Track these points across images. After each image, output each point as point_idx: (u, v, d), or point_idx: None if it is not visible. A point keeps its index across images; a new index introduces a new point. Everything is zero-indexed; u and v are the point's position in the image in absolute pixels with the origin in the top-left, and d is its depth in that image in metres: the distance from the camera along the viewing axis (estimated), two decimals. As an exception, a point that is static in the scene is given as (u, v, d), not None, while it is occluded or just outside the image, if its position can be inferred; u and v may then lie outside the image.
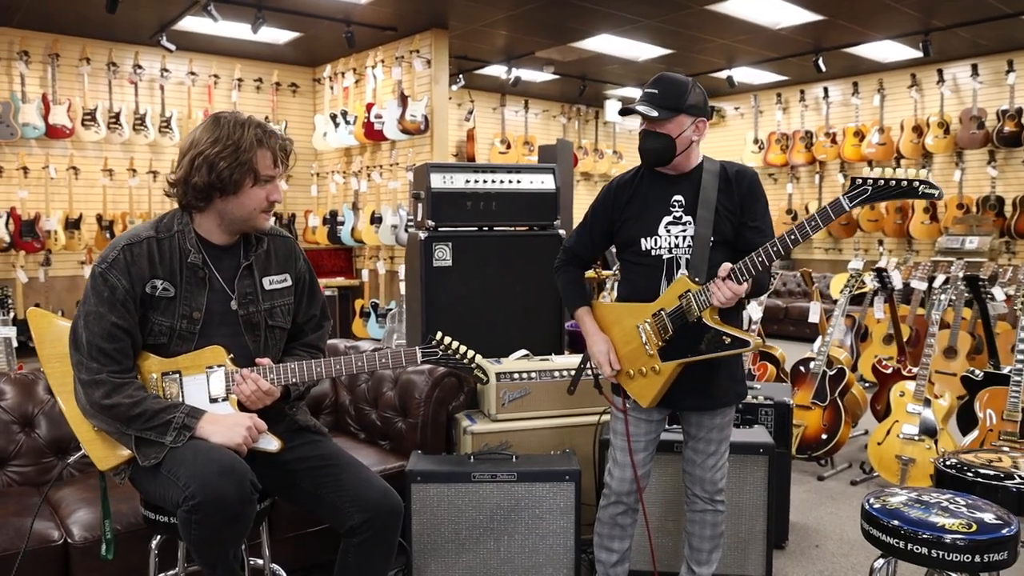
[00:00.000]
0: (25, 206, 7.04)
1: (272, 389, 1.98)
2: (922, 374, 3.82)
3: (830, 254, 9.91)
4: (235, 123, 1.94)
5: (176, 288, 1.97)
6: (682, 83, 2.23)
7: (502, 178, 3.67)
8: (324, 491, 2.03)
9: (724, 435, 2.40)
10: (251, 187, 1.97)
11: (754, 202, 2.26)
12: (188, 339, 1.99)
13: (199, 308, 1.99)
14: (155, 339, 1.98)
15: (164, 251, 1.98)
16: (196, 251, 2.00)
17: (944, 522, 1.93)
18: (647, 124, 2.24)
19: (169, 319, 1.97)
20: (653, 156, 2.26)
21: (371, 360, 2.05)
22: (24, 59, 7.02)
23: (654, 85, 2.23)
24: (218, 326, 2.02)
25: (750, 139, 10.44)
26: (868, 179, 1.96)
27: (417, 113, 7.37)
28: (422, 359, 2.09)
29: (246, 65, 8.40)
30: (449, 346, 2.11)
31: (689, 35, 7.70)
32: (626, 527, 2.45)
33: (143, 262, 1.94)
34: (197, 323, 1.99)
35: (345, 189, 8.47)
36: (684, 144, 2.24)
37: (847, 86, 9.58)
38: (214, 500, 1.74)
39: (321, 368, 2.04)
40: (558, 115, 11.19)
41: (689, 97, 2.21)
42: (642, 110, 2.20)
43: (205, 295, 2.00)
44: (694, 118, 2.23)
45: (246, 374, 1.97)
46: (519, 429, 3.10)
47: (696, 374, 2.26)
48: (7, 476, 2.69)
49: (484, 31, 7.55)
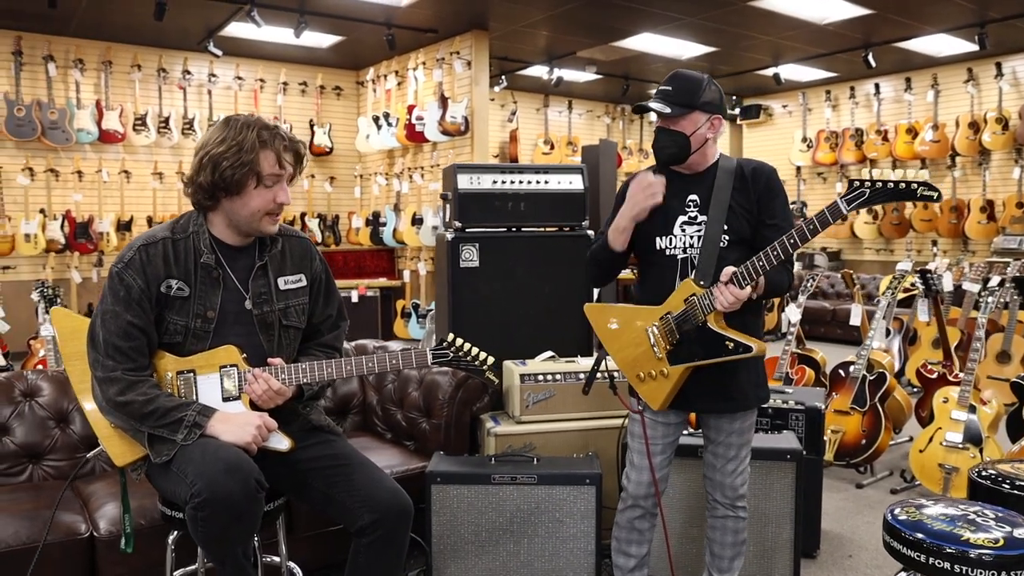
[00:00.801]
0: (79, 209, 7.27)
1: (283, 389, 2.00)
2: (967, 379, 3.68)
3: (881, 255, 9.64)
4: (242, 124, 1.97)
5: (191, 288, 2.00)
6: (696, 80, 2.20)
7: (530, 178, 3.64)
8: (335, 491, 2.04)
9: (744, 440, 2.34)
10: (254, 188, 1.98)
11: (772, 199, 2.21)
12: (203, 338, 2.02)
13: (213, 307, 2.02)
14: (170, 338, 2.01)
15: (179, 251, 2.01)
16: (210, 251, 2.03)
17: (970, 536, 1.85)
18: (661, 121, 2.21)
19: (184, 318, 2.00)
20: (667, 154, 2.23)
21: (381, 361, 2.06)
22: (79, 67, 7.25)
23: (668, 82, 2.21)
24: (232, 325, 2.04)
25: (798, 137, 10.22)
26: (865, 181, 1.91)
27: (457, 114, 7.40)
28: (432, 360, 2.08)
29: (291, 69, 8.54)
30: (460, 348, 2.10)
31: (733, 32, 7.57)
32: (644, 531, 2.41)
33: (158, 262, 1.98)
34: (211, 322, 2.02)
35: (388, 191, 8.55)
36: (699, 142, 2.20)
37: (899, 82, 9.31)
38: (219, 498, 1.76)
39: (332, 368, 2.05)
40: (602, 115, 11.12)
41: (704, 94, 2.17)
42: (655, 107, 2.17)
43: (219, 295, 2.03)
44: (709, 115, 2.19)
45: (258, 374, 1.99)
46: (543, 431, 3.08)
47: (713, 376, 2.21)
48: (42, 470, 2.78)
49: (525, 32, 7.53)
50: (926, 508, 2.02)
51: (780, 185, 2.25)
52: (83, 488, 2.64)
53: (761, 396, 2.32)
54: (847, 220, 9.44)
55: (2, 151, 6.95)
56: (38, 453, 2.79)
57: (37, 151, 7.12)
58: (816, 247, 10.09)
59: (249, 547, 1.92)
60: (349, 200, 9.02)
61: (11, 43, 6.90)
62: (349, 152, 8.94)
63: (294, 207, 8.50)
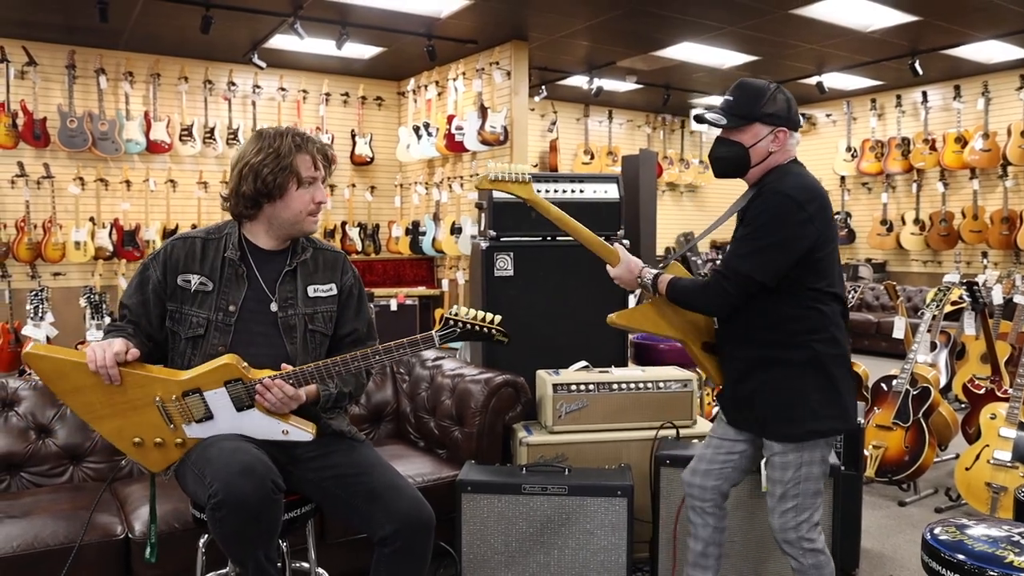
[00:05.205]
0: (127, 217, 7.45)
1: (298, 393, 2.01)
2: (1016, 395, 3.56)
3: (928, 267, 9.39)
4: (275, 134, 2.09)
5: (215, 283, 2.10)
6: (759, 89, 2.12)
7: (564, 187, 3.63)
8: (357, 500, 2.04)
9: (786, 476, 2.15)
10: (296, 190, 2.09)
11: (749, 222, 2.10)
12: (225, 332, 2.09)
13: (235, 303, 2.10)
14: (193, 331, 2.08)
15: (208, 250, 2.13)
16: (235, 249, 2.12)
17: (1015, 559, 1.78)
18: (722, 131, 2.16)
19: (207, 312, 2.08)
20: (722, 164, 2.18)
21: (388, 351, 2.03)
22: (129, 79, 7.44)
23: (732, 92, 2.15)
24: (256, 324, 2.10)
25: (842, 147, 10.04)
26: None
27: (496, 124, 7.41)
28: (440, 340, 2.04)
29: (333, 80, 8.65)
30: (464, 319, 2.04)
31: (775, 41, 7.47)
32: (697, 526, 2.39)
33: (180, 254, 2.11)
34: (233, 316, 2.09)
35: (427, 200, 8.60)
36: (760, 155, 2.12)
37: (948, 89, 9.09)
38: (235, 499, 1.79)
39: (339, 364, 2.02)
40: (643, 125, 11.04)
41: (766, 105, 2.09)
42: (710, 118, 2.12)
43: (243, 291, 2.11)
44: (773, 127, 2.10)
45: (268, 383, 1.99)
46: (576, 442, 3.07)
47: (740, 389, 2.19)
48: (83, 472, 2.84)
49: (564, 42, 7.53)
50: (968, 528, 1.96)
51: (768, 214, 2.05)
52: (121, 490, 2.70)
53: (788, 434, 2.14)
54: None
55: (55, 161, 7.15)
56: (79, 455, 2.85)
57: (88, 161, 7.31)
58: (861, 258, 9.89)
59: (272, 550, 1.93)
60: (389, 209, 9.09)
61: (65, 57, 7.10)
62: (390, 162, 9.01)
63: (335, 216, 8.59)
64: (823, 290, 2.11)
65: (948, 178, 9.04)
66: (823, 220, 2.07)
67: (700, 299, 2.17)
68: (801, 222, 2.03)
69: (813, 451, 2.14)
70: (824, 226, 2.08)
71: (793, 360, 2.12)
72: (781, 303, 2.11)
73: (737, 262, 2.08)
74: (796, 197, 2.04)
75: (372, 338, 2.32)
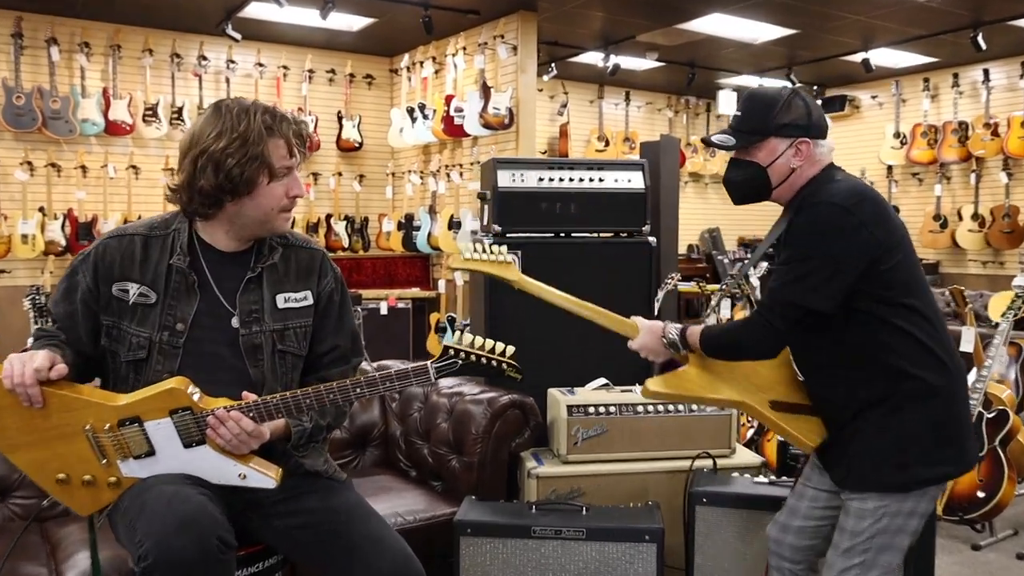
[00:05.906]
0: (83, 207, 7.31)
1: (259, 430, 1.81)
2: (1109, 420, 3.36)
3: (988, 268, 9.22)
4: (239, 111, 1.84)
5: (159, 294, 1.89)
6: (771, 99, 2.02)
7: (582, 175, 3.51)
8: (333, 553, 1.87)
9: (852, 529, 2.01)
10: (267, 184, 1.88)
11: (789, 244, 2.02)
12: (171, 356, 1.89)
13: (184, 319, 1.89)
14: (133, 354, 1.89)
15: (151, 251, 1.92)
16: (185, 254, 1.91)
17: None
18: (734, 152, 2.08)
19: (148, 330, 1.88)
20: (737, 189, 2.11)
21: (372, 383, 1.84)
22: (85, 51, 7.30)
23: (740, 105, 2.07)
24: (212, 344, 1.90)
25: (890, 132, 9.89)
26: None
27: (501, 106, 7.29)
28: (436, 375, 1.84)
29: (317, 55, 8.52)
30: (469, 350, 1.83)
31: (815, 11, 7.31)
32: None
33: (115, 256, 1.90)
34: (181, 336, 1.88)
35: (422, 191, 8.47)
36: (781, 173, 2.03)
37: (1014, 67, 8.92)
38: (169, 561, 1.60)
39: (310, 397, 1.82)
40: (664, 108, 10.95)
41: (780, 115, 2.00)
42: (717, 140, 2.04)
43: (195, 305, 1.91)
44: (792, 139, 2.01)
45: (222, 415, 1.79)
46: (594, 474, 2.97)
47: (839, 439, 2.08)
48: (8, 509, 2.67)
49: (577, 12, 7.40)
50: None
51: (813, 228, 1.97)
52: (54, 532, 2.53)
53: (885, 484, 1.98)
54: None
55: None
56: (4, 488, 2.68)
57: (37, 143, 7.17)
58: (911, 259, 9.72)
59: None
60: (380, 201, 8.97)
61: (11, 24, 6.95)
62: (381, 147, 8.89)
63: (319, 208, 8.48)
64: (905, 306, 1.97)
65: (1012, 167, 8.86)
66: (879, 223, 1.96)
67: (742, 339, 2.08)
68: (853, 229, 1.93)
69: (904, 501, 1.99)
70: (882, 230, 1.96)
71: (888, 397, 1.98)
72: (856, 332, 1.98)
73: (783, 291, 1.99)
74: (841, 203, 1.95)
75: (358, 354, 2.15)
